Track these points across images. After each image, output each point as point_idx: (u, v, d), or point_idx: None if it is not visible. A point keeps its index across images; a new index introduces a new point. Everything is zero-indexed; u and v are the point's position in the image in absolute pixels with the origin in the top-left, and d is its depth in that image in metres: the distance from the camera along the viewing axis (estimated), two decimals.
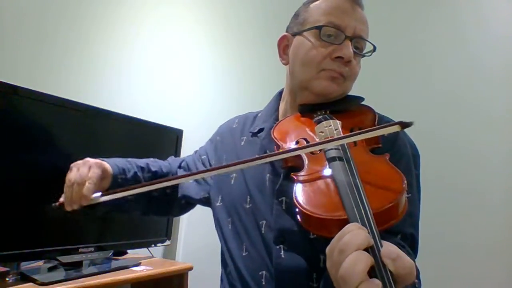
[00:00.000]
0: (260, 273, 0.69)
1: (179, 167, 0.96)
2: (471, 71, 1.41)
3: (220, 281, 0.81)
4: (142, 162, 0.91)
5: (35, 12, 1.47)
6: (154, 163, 0.93)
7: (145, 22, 1.90)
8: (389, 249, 0.41)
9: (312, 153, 0.65)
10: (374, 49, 0.77)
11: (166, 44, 1.99)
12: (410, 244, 0.65)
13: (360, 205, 0.48)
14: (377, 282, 0.38)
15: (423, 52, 1.50)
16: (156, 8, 1.95)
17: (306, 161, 0.63)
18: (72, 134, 1.34)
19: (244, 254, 0.72)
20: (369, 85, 0.85)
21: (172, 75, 1.99)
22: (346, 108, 0.75)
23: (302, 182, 0.59)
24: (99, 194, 0.71)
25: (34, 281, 1.12)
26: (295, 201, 0.55)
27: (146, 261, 1.53)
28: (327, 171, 0.58)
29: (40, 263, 1.31)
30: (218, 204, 0.82)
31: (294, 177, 0.60)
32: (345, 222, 0.46)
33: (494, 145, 1.34)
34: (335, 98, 0.75)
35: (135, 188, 0.69)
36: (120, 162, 0.86)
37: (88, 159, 0.78)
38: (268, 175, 0.74)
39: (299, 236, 0.66)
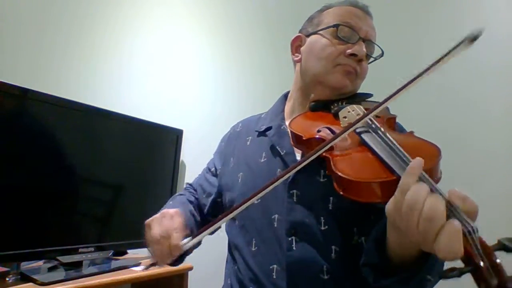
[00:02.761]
0: (271, 267, 0.70)
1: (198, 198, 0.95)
2: (471, 71, 1.41)
3: (224, 279, 0.82)
4: (181, 199, 0.90)
5: (35, 12, 1.47)
6: (187, 196, 0.92)
7: (144, 22, 1.90)
8: (456, 191, 0.44)
9: None
10: (382, 54, 0.82)
11: (166, 44, 1.98)
12: None
13: (407, 162, 0.50)
14: (456, 222, 0.40)
15: (423, 52, 1.50)
16: (156, 8, 1.96)
17: (335, 143, 0.64)
18: (72, 134, 1.34)
19: (253, 249, 0.73)
20: (370, 84, 0.86)
21: (172, 75, 1.99)
22: (359, 102, 0.77)
23: (339, 156, 0.59)
24: (188, 239, 0.67)
25: (34, 281, 1.12)
26: (338, 172, 0.55)
27: (146, 261, 1.53)
28: (360, 144, 0.60)
29: (40, 263, 1.31)
30: (227, 204, 0.84)
31: (328, 155, 0.60)
32: (394, 182, 0.48)
33: (493, 144, 1.34)
34: (346, 95, 0.79)
35: (213, 224, 0.64)
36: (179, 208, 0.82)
37: (165, 210, 0.74)
38: (279, 170, 0.76)
39: (311, 227, 0.68)
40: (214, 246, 0.99)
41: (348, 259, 0.66)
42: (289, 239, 0.69)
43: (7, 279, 1.13)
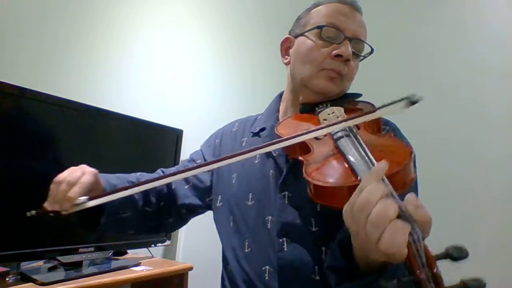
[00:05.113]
0: (263, 268, 0.70)
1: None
2: (471, 71, 1.41)
3: (221, 281, 0.82)
4: (132, 177, 0.86)
5: (35, 12, 1.47)
6: (143, 177, 0.87)
7: (145, 22, 1.90)
8: (412, 196, 0.43)
9: (317, 139, 0.66)
10: (372, 51, 0.80)
11: (166, 44, 1.98)
12: None
13: (372, 166, 0.50)
14: (401, 221, 0.40)
15: (424, 52, 1.51)
16: (156, 8, 1.95)
17: (312, 147, 0.65)
18: (72, 134, 1.34)
19: (246, 251, 0.73)
20: (371, 84, 0.86)
21: (172, 75, 1.99)
22: (346, 103, 0.77)
23: (311, 160, 0.60)
24: (85, 198, 0.65)
25: (34, 281, 1.12)
26: (307, 177, 0.56)
27: (146, 261, 1.53)
28: (334, 148, 0.60)
29: (40, 263, 1.31)
30: (218, 204, 0.83)
31: (302, 159, 0.61)
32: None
33: (494, 144, 1.34)
34: (334, 97, 0.78)
35: (122, 190, 0.64)
36: (111, 178, 0.81)
37: (84, 165, 0.73)
38: (271, 171, 0.76)
39: (302, 229, 0.68)
40: (214, 246, 0.99)
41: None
42: (281, 240, 0.69)
43: (7, 279, 1.13)
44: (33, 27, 1.45)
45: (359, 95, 0.80)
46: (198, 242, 1.83)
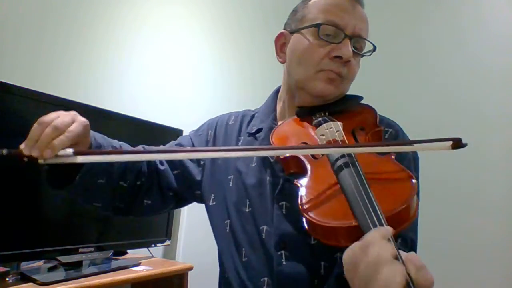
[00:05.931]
0: (262, 279, 0.67)
1: (161, 163, 0.85)
2: (471, 71, 1.41)
3: (218, 285, 0.79)
4: (115, 143, 0.80)
5: (35, 12, 1.47)
6: (125, 147, 0.82)
7: (145, 22, 1.90)
8: (415, 256, 0.40)
9: (314, 157, 0.62)
10: (374, 48, 0.75)
11: (166, 44, 1.99)
12: (410, 249, 0.63)
13: (371, 210, 0.46)
14: None
15: (424, 52, 1.51)
16: (156, 8, 1.95)
17: (308, 167, 0.60)
18: None
19: (243, 259, 0.70)
20: (370, 85, 0.86)
21: (172, 75, 1.99)
22: (346, 109, 0.73)
23: (307, 189, 0.56)
24: (71, 151, 0.55)
25: (34, 281, 1.12)
26: (301, 210, 0.53)
27: (146, 261, 1.53)
28: (333, 177, 0.55)
29: (40, 263, 1.31)
30: (211, 203, 0.80)
31: (298, 184, 0.58)
32: (356, 229, 0.45)
33: (493, 145, 1.34)
34: (333, 100, 0.74)
35: (117, 153, 0.58)
36: (98, 136, 0.73)
37: (75, 112, 0.64)
38: (268, 178, 0.72)
39: (300, 242, 0.65)
40: (214, 246, 0.99)
41: (337, 273, 0.61)
42: (279, 253, 0.65)
43: (7, 279, 1.13)
44: (33, 27, 1.45)
45: (360, 97, 0.75)
46: (198, 242, 1.83)
